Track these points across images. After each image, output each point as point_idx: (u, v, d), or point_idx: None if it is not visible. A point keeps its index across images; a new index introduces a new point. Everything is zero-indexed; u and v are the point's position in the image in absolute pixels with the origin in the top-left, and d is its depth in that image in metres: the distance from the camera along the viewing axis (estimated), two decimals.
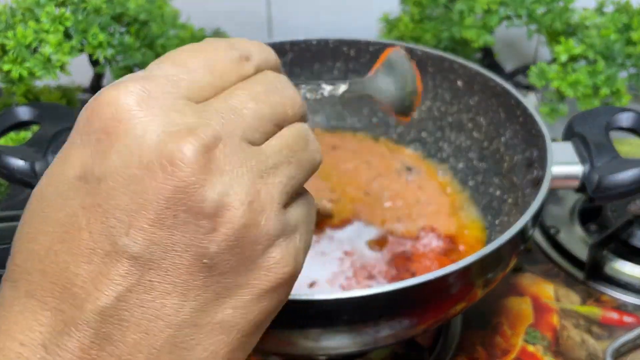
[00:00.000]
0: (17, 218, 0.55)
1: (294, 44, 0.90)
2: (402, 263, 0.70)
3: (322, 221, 0.76)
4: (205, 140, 0.33)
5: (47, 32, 0.78)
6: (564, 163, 0.66)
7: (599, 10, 1.00)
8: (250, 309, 0.36)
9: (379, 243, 0.73)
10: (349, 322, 0.53)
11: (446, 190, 0.81)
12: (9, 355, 0.32)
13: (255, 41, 0.42)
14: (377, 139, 0.90)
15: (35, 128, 0.81)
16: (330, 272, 0.69)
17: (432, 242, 0.73)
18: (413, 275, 0.69)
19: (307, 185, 0.83)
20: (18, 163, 0.69)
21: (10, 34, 0.78)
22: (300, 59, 0.91)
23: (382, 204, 0.78)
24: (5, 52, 0.80)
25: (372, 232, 0.75)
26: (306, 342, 0.56)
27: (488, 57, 1.14)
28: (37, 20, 0.79)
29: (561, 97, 0.97)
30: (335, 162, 0.85)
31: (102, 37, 0.80)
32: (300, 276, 0.69)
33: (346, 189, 0.80)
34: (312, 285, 0.68)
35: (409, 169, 0.83)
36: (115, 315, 0.32)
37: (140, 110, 0.33)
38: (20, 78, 0.79)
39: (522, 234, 0.60)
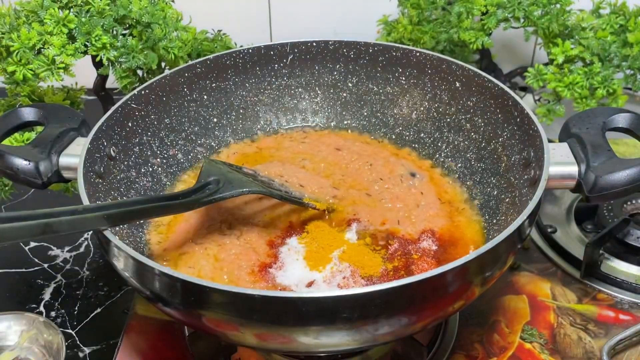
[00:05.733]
0: (17, 219, 0.56)
1: (294, 45, 0.91)
2: (400, 263, 0.71)
3: (323, 219, 0.77)
4: None
5: (51, 34, 0.79)
6: (561, 163, 0.67)
7: (596, 12, 1.01)
8: None
9: (377, 244, 0.74)
10: (348, 319, 0.54)
11: (446, 192, 0.82)
12: None
13: None
14: (381, 142, 0.91)
15: (39, 129, 0.82)
16: (328, 272, 0.70)
17: (431, 244, 0.74)
18: (411, 275, 0.70)
19: (310, 183, 0.84)
20: (22, 163, 0.70)
21: (14, 35, 0.79)
22: (301, 60, 0.91)
23: (383, 206, 0.79)
24: (9, 53, 0.80)
25: (372, 233, 0.76)
26: (306, 339, 0.56)
27: (486, 59, 1.15)
28: (41, 22, 0.80)
29: (558, 98, 0.98)
30: (339, 162, 0.86)
31: (105, 39, 0.81)
32: (298, 275, 0.71)
33: (348, 190, 0.81)
34: (310, 284, 0.69)
35: (412, 174, 0.84)
36: None
37: None
38: (25, 79, 0.80)
39: (519, 233, 0.61)
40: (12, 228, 0.54)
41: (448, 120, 0.86)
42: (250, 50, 0.89)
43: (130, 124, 0.79)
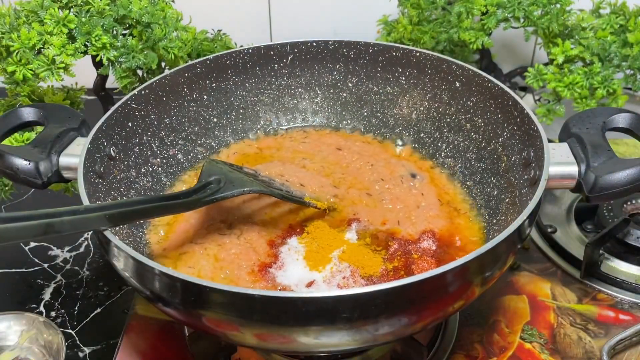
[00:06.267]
0: (18, 219, 0.56)
1: (294, 45, 0.91)
2: (400, 264, 0.71)
3: (323, 218, 0.77)
4: None
5: (51, 34, 0.79)
6: (561, 163, 0.67)
7: (596, 12, 1.01)
8: None
9: (377, 244, 0.74)
10: (348, 319, 0.54)
11: (446, 193, 0.81)
12: None
13: None
14: (382, 142, 0.91)
15: (39, 129, 0.82)
16: (328, 272, 0.70)
17: (431, 244, 0.73)
18: (411, 275, 0.70)
19: (310, 183, 0.84)
20: (22, 163, 0.70)
21: (14, 35, 0.79)
22: (301, 60, 0.91)
23: (384, 206, 0.79)
24: (9, 53, 0.80)
25: (372, 233, 0.75)
26: (306, 339, 0.56)
27: (486, 59, 1.15)
28: (41, 22, 0.80)
29: (558, 98, 0.98)
30: (339, 162, 0.86)
31: (105, 39, 0.81)
32: (298, 275, 0.71)
33: (349, 189, 0.81)
34: (310, 284, 0.69)
35: (413, 175, 0.84)
36: None
37: None
38: (25, 79, 0.80)
39: (519, 233, 0.61)
40: (14, 228, 0.54)
41: (448, 120, 0.86)
42: (250, 50, 0.89)
43: (130, 124, 0.79)
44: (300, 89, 0.94)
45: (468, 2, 0.99)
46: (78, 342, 0.81)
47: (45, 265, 0.92)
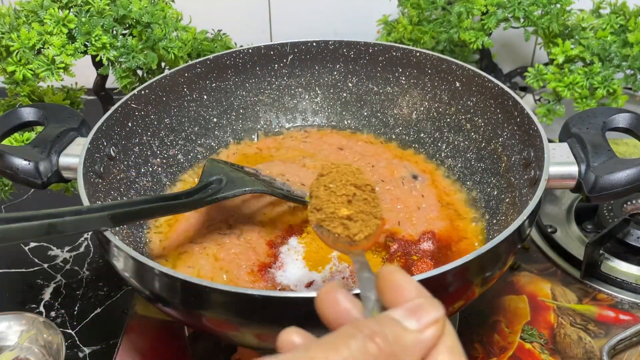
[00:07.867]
0: (21, 219, 0.56)
1: (294, 45, 0.91)
2: (400, 264, 0.71)
3: None
4: None
5: (50, 34, 0.79)
6: (561, 163, 0.67)
7: (596, 12, 1.01)
8: None
9: (377, 244, 0.74)
10: None
11: (447, 194, 0.81)
12: None
13: None
14: (383, 143, 0.91)
15: (39, 129, 0.82)
16: (327, 272, 0.70)
17: (431, 245, 0.73)
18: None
19: (311, 181, 0.84)
20: (22, 163, 0.70)
21: (14, 35, 0.79)
22: (301, 60, 0.92)
23: (384, 207, 0.78)
24: (9, 53, 0.80)
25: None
26: None
27: (486, 59, 1.15)
28: (41, 22, 0.80)
29: (558, 98, 0.98)
30: (341, 162, 0.86)
31: (105, 39, 0.81)
32: (298, 276, 0.71)
33: None
34: (309, 284, 0.69)
35: (414, 176, 0.84)
36: None
37: None
38: (24, 79, 0.80)
39: (519, 233, 0.61)
40: (16, 229, 0.54)
41: (448, 120, 0.86)
42: (250, 50, 0.89)
43: (130, 124, 0.79)
44: (300, 89, 0.94)
45: (468, 2, 0.99)
46: (78, 342, 0.81)
47: (45, 265, 0.92)
